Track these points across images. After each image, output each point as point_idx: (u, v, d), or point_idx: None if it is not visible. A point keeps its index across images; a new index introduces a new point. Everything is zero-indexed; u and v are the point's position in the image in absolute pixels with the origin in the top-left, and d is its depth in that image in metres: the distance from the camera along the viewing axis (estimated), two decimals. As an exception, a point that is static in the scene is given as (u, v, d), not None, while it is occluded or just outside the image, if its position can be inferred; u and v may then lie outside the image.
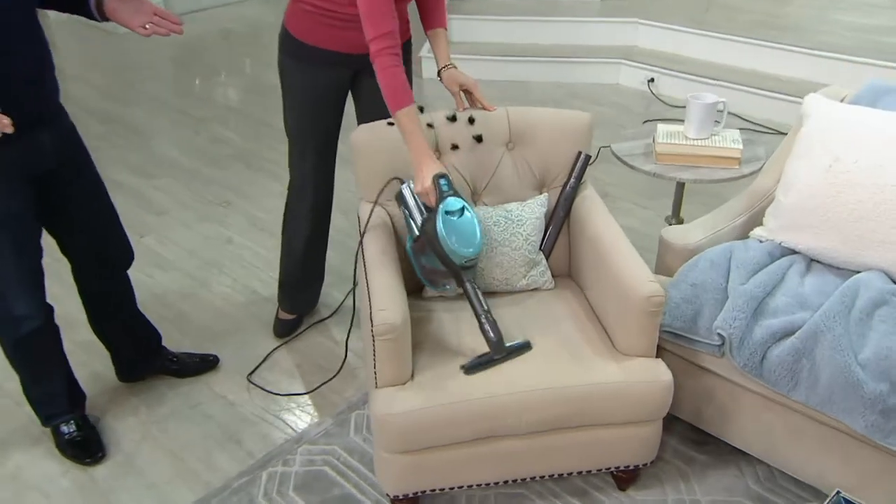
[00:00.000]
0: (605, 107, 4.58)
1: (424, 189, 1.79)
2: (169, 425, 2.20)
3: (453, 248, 1.73)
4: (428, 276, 1.88)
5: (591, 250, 1.99)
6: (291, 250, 2.49)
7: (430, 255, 1.80)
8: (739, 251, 1.96)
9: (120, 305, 2.19)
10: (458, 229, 1.74)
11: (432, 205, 1.79)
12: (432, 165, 1.81)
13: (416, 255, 1.86)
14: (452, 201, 1.76)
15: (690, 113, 2.28)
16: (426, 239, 1.78)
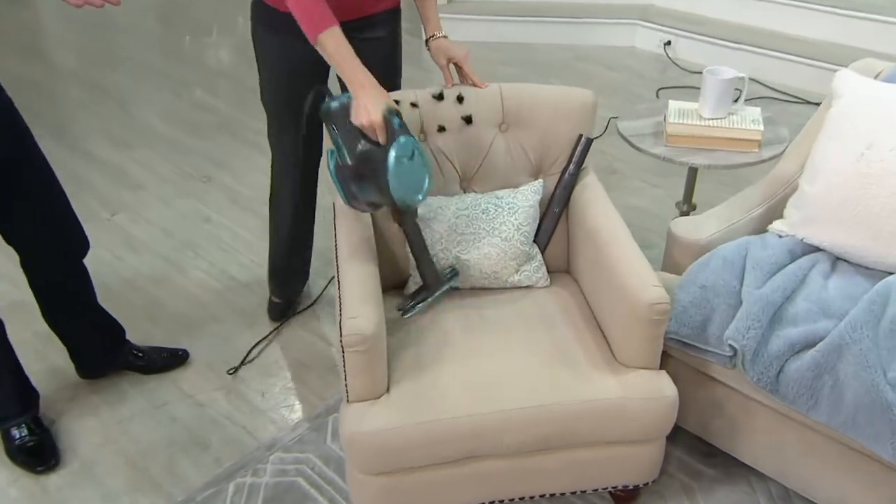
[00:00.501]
0: (618, 72, 4.37)
1: (372, 123, 1.60)
2: (131, 427, 2.08)
3: (402, 195, 1.59)
4: (353, 202, 1.72)
5: (590, 246, 1.82)
6: (279, 235, 2.35)
7: (366, 188, 1.65)
8: (756, 249, 1.79)
9: (75, 298, 2.05)
10: (408, 173, 1.60)
11: (381, 142, 1.61)
12: (378, 96, 1.61)
13: (345, 180, 1.69)
14: (405, 142, 1.59)
15: (706, 90, 2.09)
16: (365, 172, 1.62)
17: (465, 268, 1.85)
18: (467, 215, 1.83)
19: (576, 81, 4.23)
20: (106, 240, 2.89)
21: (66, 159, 3.47)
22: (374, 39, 1.97)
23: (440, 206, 1.84)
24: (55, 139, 3.65)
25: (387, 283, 1.95)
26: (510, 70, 4.40)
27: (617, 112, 3.84)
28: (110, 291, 2.60)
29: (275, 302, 2.48)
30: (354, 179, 1.66)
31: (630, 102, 3.96)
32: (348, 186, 1.69)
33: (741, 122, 2.09)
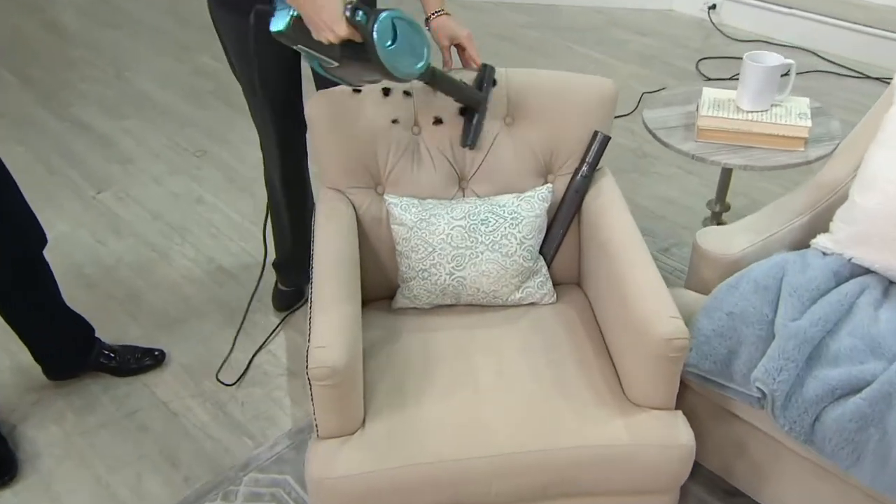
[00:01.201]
0: (653, 39, 4.09)
1: (339, 37, 1.41)
2: (98, 438, 1.96)
3: (406, 71, 1.48)
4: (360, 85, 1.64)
5: (602, 261, 1.63)
6: (279, 219, 2.20)
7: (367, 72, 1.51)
8: (794, 270, 1.59)
9: (36, 296, 1.91)
10: (401, 51, 1.45)
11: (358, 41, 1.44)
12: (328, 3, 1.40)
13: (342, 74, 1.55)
14: (382, 27, 1.41)
15: (746, 78, 1.86)
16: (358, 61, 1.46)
17: (459, 286, 1.67)
18: (463, 227, 1.64)
19: (605, 49, 3.97)
20: (89, 220, 2.75)
21: (53, 127, 3.33)
22: None
23: (433, 215, 1.66)
24: (43, 104, 3.52)
25: (373, 294, 1.79)
26: (533, 34, 4.15)
27: (650, 84, 3.59)
28: (88, 280, 2.47)
29: (282, 290, 2.34)
30: (351, 71, 1.53)
31: (666, 75, 3.70)
32: (348, 77, 1.56)
33: (786, 115, 1.86)
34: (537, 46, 4.03)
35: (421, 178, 1.73)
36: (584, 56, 3.92)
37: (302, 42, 1.47)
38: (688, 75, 3.70)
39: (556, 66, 3.82)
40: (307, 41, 1.46)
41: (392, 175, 1.73)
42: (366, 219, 1.74)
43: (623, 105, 3.43)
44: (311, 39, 1.45)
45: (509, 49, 4.00)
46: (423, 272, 1.67)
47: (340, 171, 1.71)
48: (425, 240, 1.65)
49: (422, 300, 1.70)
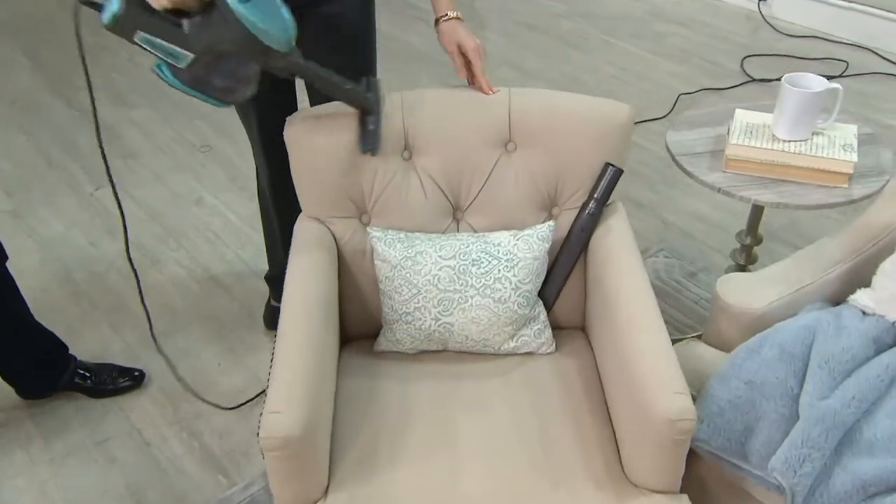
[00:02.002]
0: (696, 32, 3.83)
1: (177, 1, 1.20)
2: (64, 468, 1.85)
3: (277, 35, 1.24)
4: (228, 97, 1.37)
5: (605, 315, 1.45)
6: (270, 230, 2.06)
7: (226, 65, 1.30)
8: (827, 334, 1.38)
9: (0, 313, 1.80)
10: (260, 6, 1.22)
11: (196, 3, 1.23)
12: None
13: (197, 81, 1.31)
14: None
15: (783, 104, 1.64)
16: (210, 48, 1.25)
17: (446, 332, 1.51)
18: (452, 267, 1.47)
19: (643, 43, 3.72)
20: (84, 220, 2.64)
21: (59, 115, 3.23)
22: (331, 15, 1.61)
23: (419, 253, 1.49)
24: (52, 89, 3.42)
25: (356, 331, 1.63)
26: (567, 25, 3.92)
27: (688, 84, 3.36)
28: (76, 288, 2.36)
29: (274, 307, 2.19)
30: (207, 69, 1.29)
31: (706, 74, 3.45)
32: (208, 83, 1.31)
33: (828, 146, 1.64)
34: (570, 38, 3.80)
35: (410, 209, 1.57)
36: (619, 50, 3.68)
37: (142, 28, 1.22)
38: (731, 74, 3.45)
39: (589, 60, 3.59)
40: (148, 25, 1.21)
41: (378, 204, 1.56)
42: (347, 251, 1.57)
43: (657, 106, 3.20)
44: (151, 22, 1.21)
45: (540, 40, 3.78)
46: (406, 315, 1.50)
47: (320, 199, 1.55)
48: (409, 280, 1.48)
49: (405, 345, 1.54)
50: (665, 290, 2.30)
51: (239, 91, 1.36)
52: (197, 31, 1.24)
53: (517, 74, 3.48)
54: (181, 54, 1.26)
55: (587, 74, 3.48)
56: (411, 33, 3.82)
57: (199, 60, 1.27)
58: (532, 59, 3.61)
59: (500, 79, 3.41)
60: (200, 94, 1.35)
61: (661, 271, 2.38)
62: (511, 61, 3.60)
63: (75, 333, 2.20)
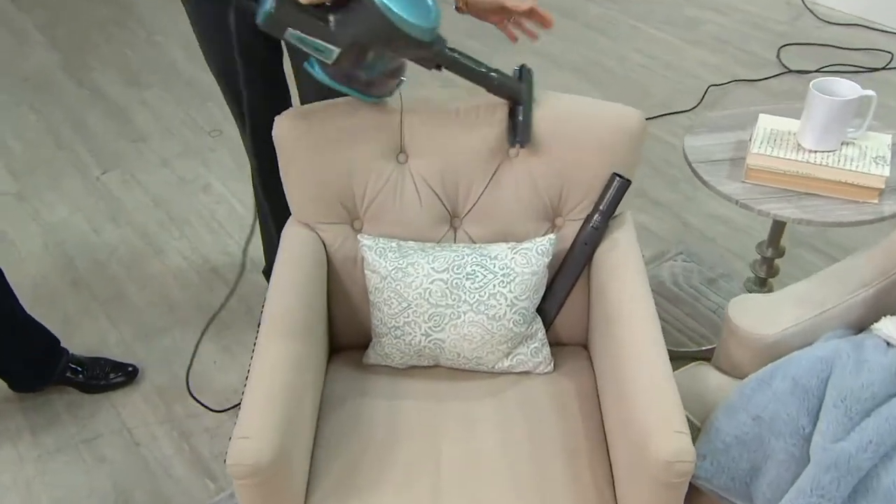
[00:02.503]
0: (731, 19, 3.67)
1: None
2: (51, 464, 1.82)
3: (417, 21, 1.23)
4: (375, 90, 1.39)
5: (605, 338, 1.36)
6: (266, 226, 2.00)
7: (374, 60, 1.30)
8: (846, 367, 1.28)
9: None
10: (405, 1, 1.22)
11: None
12: None
13: (347, 77, 1.34)
14: None
15: (811, 112, 1.52)
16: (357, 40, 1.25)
17: (437, 349, 1.43)
18: (445, 281, 1.39)
19: (674, 30, 3.57)
20: (89, 205, 2.60)
21: (70, 94, 3.19)
22: None
23: (411, 264, 1.41)
24: (65, 67, 3.37)
25: (345, 341, 1.57)
26: (596, 10, 3.78)
27: (720, 75, 3.21)
28: (75, 276, 2.32)
29: None
30: (355, 64, 1.30)
31: (739, 64, 3.30)
32: (355, 77, 1.33)
33: (858, 158, 1.53)
34: (598, 24, 3.66)
35: (404, 216, 1.48)
36: (648, 37, 3.54)
37: (293, 24, 1.23)
38: (766, 65, 3.29)
39: (616, 47, 3.46)
40: (298, 21, 1.22)
41: (371, 210, 1.48)
42: (337, 258, 1.50)
43: (684, 98, 3.07)
44: (300, 18, 1.22)
45: (567, 26, 3.65)
46: (395, 329, 1.43)
47: (310, 203, 1.48)
48: (399, 293, 1.41)
49: (394, 360, 1.47)
50: (681, 296, 2.19)
51: (387, 84, 1.39)
52: (342, 26, 1.23)
53: (541, 61, 3.36)
54: (328, 49, 1.26)
55: (613, 62, 3.35)
56: (433, 15, 3.71)
57: (345, 55, 1.26)
58: (557, 45, 3.48)
59: (522, 65, 3.32)
60: (348, 89, 1.36)
61: (678, 276, 2.27)
62: (535, 47, 3.47)
63: (73, 324, 2.16)
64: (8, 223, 2.53)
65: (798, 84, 3.15)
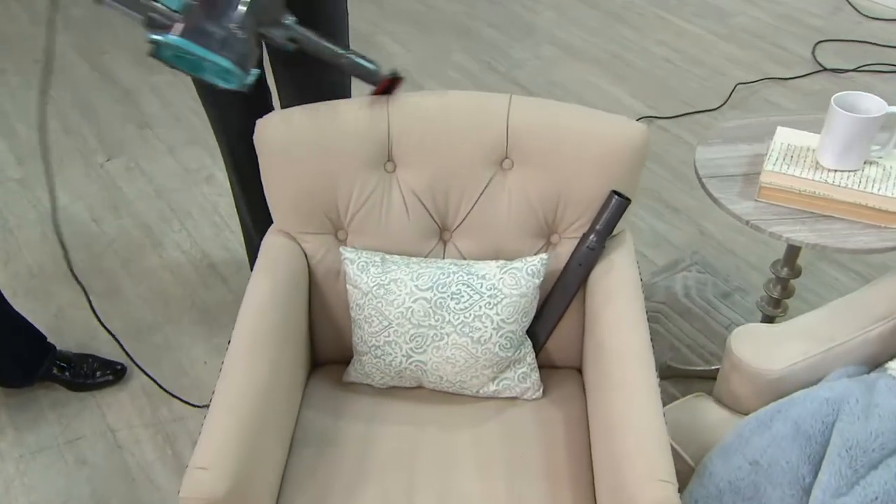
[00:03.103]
0: (765, 11, 3.52)
1: None
2: (32, 466, 1.78)
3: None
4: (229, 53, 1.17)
5: (596, 366, 1.28)
6: (244, 224, 1.95)
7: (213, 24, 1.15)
8: (854, 412, 1.19)
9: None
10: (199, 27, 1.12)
11: None
12: None
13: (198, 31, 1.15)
14: None
15: (832, 128, 1.42)
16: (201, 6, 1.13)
17: (419, 371, 1.36)
18: (428, 300, 1.32)
19: (705, 21, 3.43)
20: (91, 193, 2.56)
21: (81, 77, 3.15)
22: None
23: (394, 281, 1.34)
24: (78, 48, 3.33)
25: (327, 356, 1.50)
26: (620, 1, 3.64)
27: (749, 72, 3.08)
28: (73, 265, 2.28)
29: None
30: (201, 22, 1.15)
31: (772, 60, 3.16)
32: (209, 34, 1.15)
33: (882, 179, 1.42)
34: (622, 13, 3.53)
35: (390, 228, 1.41)
36: (676, 29, 3.40)
37: None
38: (799, 62, 3.15)
39: (640, 39, 3.33)
40: None
41: (355, 221, 1.41)
42: (319, 270, 1.43)
43: (710, 96, 2.95)
44: None
45: (591, 15, 3.52)
46: (375, 349, 1.36)
47: (292, 212, 1.41)
48: (381, 311, 1.34)
49: (375, 379, 1.40)
50: (693, 310, 2.10)
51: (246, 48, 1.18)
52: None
53: (560, 53, 3.25)
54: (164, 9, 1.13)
55: (635, 55, 3.23)
56: (450, 1, 3.61)
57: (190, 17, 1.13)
58: (578, 37, 3.36)
59: (541, 57, 3.22)
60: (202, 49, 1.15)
61: (691, 288, 2.17)
62: (555, 38, 3.36)
63: (65, 318, 2.13)
64: (9, 210, 2.50)
65: (832, 84, 3.01)
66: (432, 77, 3.11)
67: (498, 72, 3.13)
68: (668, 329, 2.05)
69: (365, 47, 3.33)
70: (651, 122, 2.82)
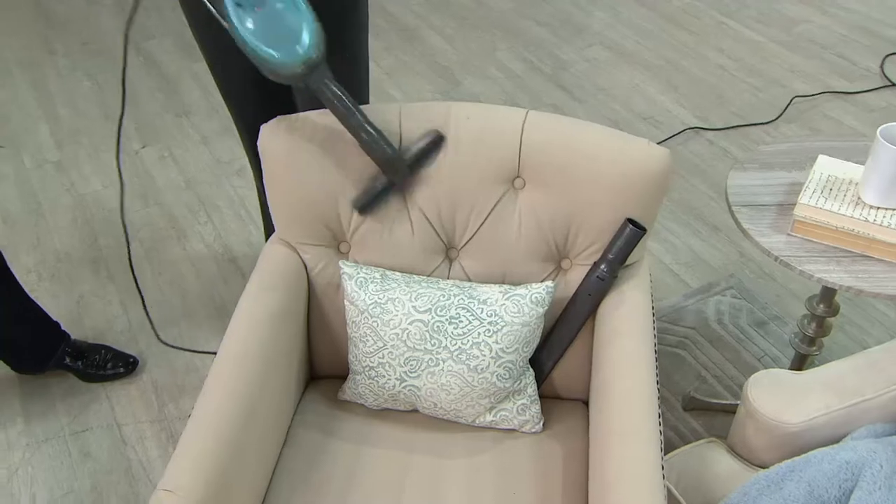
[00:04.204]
0: (834, 20, 3.34)
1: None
2: (38, 455, 1.79)
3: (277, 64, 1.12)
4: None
5: (599, 403, 1.20)
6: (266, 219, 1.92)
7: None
8: (875, 480, 1.08)
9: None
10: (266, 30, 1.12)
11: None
12: None
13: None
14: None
15: (876, 162, 1.30)
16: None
17: (412, 396, 1.30)
18: (425, 323, 1.26)
19: (767, 29, 3.27)
20: (123, 180, 2.57)
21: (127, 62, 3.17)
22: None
23: (391, 300, 1.28)
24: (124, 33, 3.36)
25: (325, 370, 1.46)
26: (681, 1, 3.50)
27: (810, 84, 2.92)
28: (97, 255, 2.29)
29: None
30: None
31: (835, 73, 2.99)
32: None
33: (929, 220, 1.30)
34: (679, 17, 3.39)
35: (394, 244, 1.35)
36: (735, 35, 3.25)
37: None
38: (866, 76, 2.98)
39: (696, 45, 3.19)
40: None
41: (358, 234, 1.36)
42: (319, 283, 1.39)
43: (764, 108, 2.81)
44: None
45: (644, 17, 3.40)
46: (369, 369, 1.31)
47: (293, 222, 1.36)
48: (376, 331, 1.28)
49: (368, 400, 1.35)
50: (724, 338, 1.99)
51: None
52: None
53: (609, 55, 3.14)
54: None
55: (690, 61, 3.10)
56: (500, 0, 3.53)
57: None
58: (630, 39, 3.24)
59: (589, 59, 3.11)
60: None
61: (724, 314, 2.06)
62: (606, 40, 3.25)
63: (86, 306, 2.14)
64: (44, 194, 2.53)
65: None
66: (472, 75, 3.04)
67: (542, 73, 3.03)
68: (696, 357, 1.95)
69: (408, 41, 3.27)
70: (697, 134, 2.70)
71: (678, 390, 1.88)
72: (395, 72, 3.09)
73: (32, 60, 3.19)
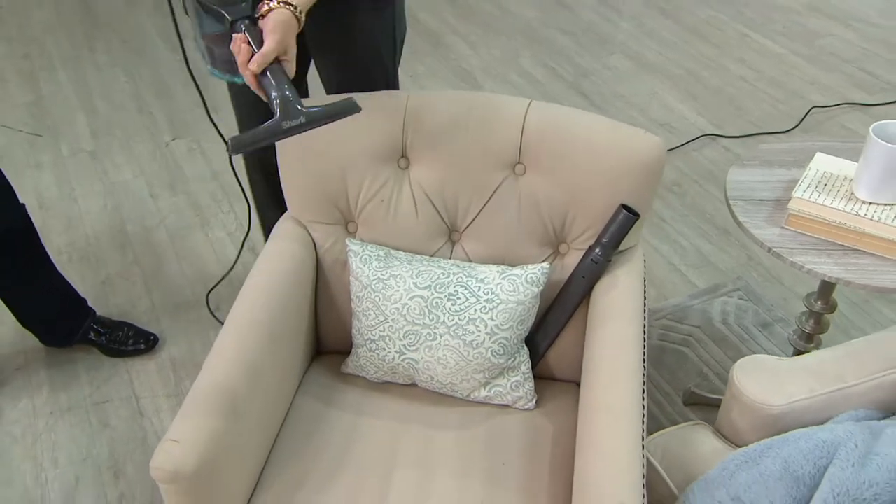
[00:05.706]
0: (859, 34, 3.35)
1: None
2: (60, 422, 1.87)
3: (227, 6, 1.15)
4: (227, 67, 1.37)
5: (588, 382, 1.25)
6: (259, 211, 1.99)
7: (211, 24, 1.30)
8: (849, 458, 1.12)
9: (17, 263, 1.82)
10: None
11: None
12: None
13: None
14: None
15: (869, 159, 1.34)
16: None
17: (411, 369, 1.36)
18: (425, 298, 1.31)
19: (790, 42, 3.30)
20: (153, 170, 2.67)
21: (162, 59, 3.29)
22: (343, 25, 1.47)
23: (393, 276, 1.34)
24: (162, 32, 3.48)
25: (330, 345, 1.53)
26: (704, 13, 3.54)
27: (831, 96, 2.94)
28: (124, 240, 2.39)
29: None
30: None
31: (856, 87, 3.01)
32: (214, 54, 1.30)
33: (920, 216, 1.33)
34: (703, 29, 3.43)
35: (398, 224, 1.41)
36: (757, 47, 3.28)
37: None
38: (886, 89, 2.99)
39: (718, 56, 3.23)
40: None
41: (364, 214, 1.42)
42: (326, 260, 1.45)
43: (782, 119, 2.83)
44: None
45: (668, 28, 3.44)
46: (370, 342, 1.37)
47: (304, 200, 1.43)
48: (378, 305, 1.34)
49: (369, 373, 1.41)
50: (728, 337, 2.02)
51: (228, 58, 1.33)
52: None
53: (631, 65, 3.18)
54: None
55: (710, 72, 3.13)
56: (525, 6, 3.59)
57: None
58: (653, 50, 3.29)
59: (610, 68, 3.16)
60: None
61: (730, 315, 2.09)
62: (629, 50, 3.29)
63: (111, 285, 2.23)
64: (77, 181, 2.63)
65: (917, 114, 2.84)
66: (494, 80, 3.10)
67: (564, 80, 3.09)
68: (699, 354, 1.98)
69: (433, 46, 3.35)
70: (713, 140, 2.73)
71: (680, 386, 1.91)
72: (420, 76, 3.17)
73: (75, 56, 3.33)
